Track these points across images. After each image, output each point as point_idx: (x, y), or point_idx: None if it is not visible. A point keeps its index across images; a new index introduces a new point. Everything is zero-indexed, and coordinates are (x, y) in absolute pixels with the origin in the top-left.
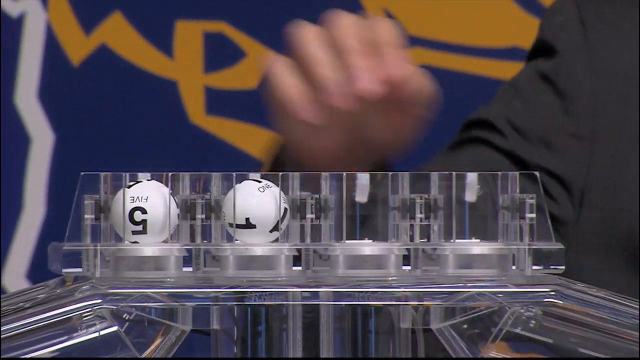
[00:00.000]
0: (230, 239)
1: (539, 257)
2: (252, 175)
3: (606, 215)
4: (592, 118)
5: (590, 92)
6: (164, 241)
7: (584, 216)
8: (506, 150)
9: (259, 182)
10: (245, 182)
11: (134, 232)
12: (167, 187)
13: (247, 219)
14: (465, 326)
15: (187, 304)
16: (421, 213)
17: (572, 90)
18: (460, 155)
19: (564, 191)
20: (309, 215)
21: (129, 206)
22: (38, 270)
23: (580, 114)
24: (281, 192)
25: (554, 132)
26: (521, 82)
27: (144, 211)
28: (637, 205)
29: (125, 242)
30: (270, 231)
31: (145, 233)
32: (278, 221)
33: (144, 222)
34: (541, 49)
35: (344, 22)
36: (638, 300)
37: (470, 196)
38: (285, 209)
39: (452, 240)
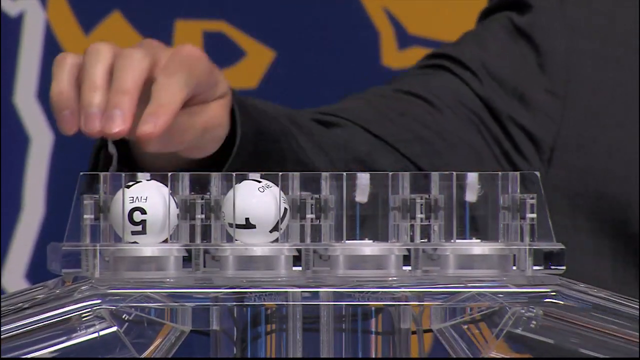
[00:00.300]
0: (230, 239)
1: (539, 257)
2: (251, 175)
3: (575, 174)
4: (565, 76)
5: (564, 50)
6: (163, 241)
7: (552, 174)
8: (480, 95)
9: (259, 182)
10: (245, 182)
11: (134, 233)
12: (167, 187)
13: (247, 219)
14: (465, 327)
15: (186, 304)
16: (421, 213)
17: (547, 46)
18: (433, 80)
19: (533, 147)
20: (309, 215)
21: (129, 206)
22: (37, 271)
23: (554, 71)
24: (281, 192)
25: (528, 86)
26: (495, 30)
27: (143, 211)
28: (606, 166)
29: (125, 242)
30: (270, 231)
31: (145, 233)
32: (278, 221)
33: (143, 222)
34: (512, 3)
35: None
36: (638, 301)
37: (471, 196)
38: (285, 209)
39: (452, 241)
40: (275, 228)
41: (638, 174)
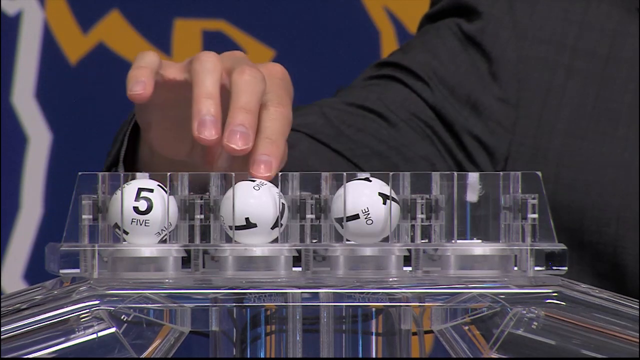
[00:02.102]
0: (229, 239)
1: (540, 258)
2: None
3: None
4: (517, 84)
5: (515, 58)
6: (162, 241)
7: None
8: (432, 105)
9: (253, 180)
10: (240, 183)
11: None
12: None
13: (247, 219)
14: (466, 327)
15: (185, 305)
16: (422, 213)
17: (497, 53)
18: (385, 92)
19: (487, 157)
20: (309, 216)
21: (134, 191)
22: (35, 271)
23: (506, 79)
24: (276, 186)
25: (481, 94)
26: (444, 36)
27: (148, 199)
28: (560, 175)
29: (124, 234)
30: (272, 228)
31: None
32: (278, 217)
33: (149, 206)
34: (459, 9)
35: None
36: (638, 302)
37: (472, 196)
38: (283, 204)
39: (453, 241)
40: (276, 224)
41: (590, 182)
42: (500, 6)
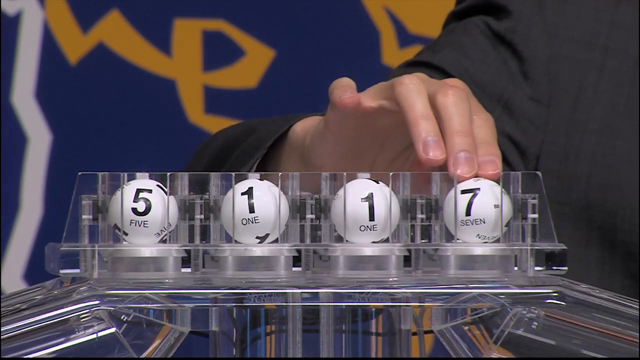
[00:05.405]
0: (229, 239)
1: (541, 258)
2: (250, 175)
3: (561, 183)
4: (548, 83)
5: (546, 57)
6: (162, 241)
7: None
8: None
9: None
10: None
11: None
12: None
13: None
14: (466, 328)
15: (185, 305)
16: (422, 213)
17: (528, 52)
18: None
19: (519, 155)
20: (309, 216)
21: (132, 192)
22: (35, 271)
23: (537, 78)
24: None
25: (512, 93)
26: (473, 35)
27: (147, 200)
28: (593, 174)
29: (124, 235)
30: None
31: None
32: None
33: (147, 207)
34: (487, 8)
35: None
36: (638, 302)
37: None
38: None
39: (453, 241)
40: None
41: (623, 181)
42: (530, 5)
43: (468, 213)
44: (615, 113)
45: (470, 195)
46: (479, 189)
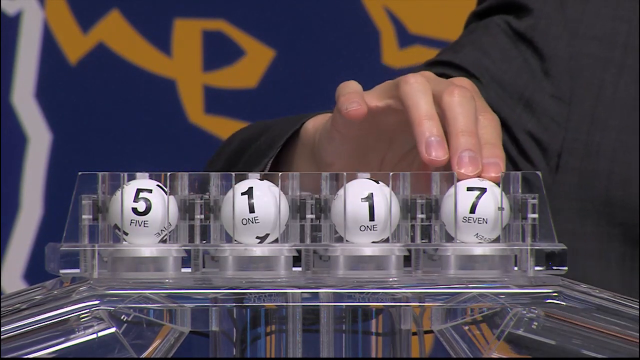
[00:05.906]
0: (229, 239)
1: (541, 258)
2: (250, 175)
3: (582, 179)
4: (569, 80)
5: (567, 55)
6: (162, 241)
7: (560, 180)
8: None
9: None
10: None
11: (133, 221)
12: (166, 187)
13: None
14: (466, 327)
15: (185, 305)
16: (422, 213)
17: (549, 50)
18: None
19: (540, 153)
20: (309, 216)
21: (132, 192)
22: (35, 271)
23: (558, 76)
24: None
25: (533, 91)
26: (494, 34)
27: (147, 200)
28: (614, 170)
29: (124, 235)
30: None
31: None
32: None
33: (147, 207)
34: (507, 6)
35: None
36: (639, 302)
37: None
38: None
39: (453, 241)
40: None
41: None
42: (551, 3)
43: (472, 211)
44: (635, 110)
45: (477, 192)
46: (485, 189)
